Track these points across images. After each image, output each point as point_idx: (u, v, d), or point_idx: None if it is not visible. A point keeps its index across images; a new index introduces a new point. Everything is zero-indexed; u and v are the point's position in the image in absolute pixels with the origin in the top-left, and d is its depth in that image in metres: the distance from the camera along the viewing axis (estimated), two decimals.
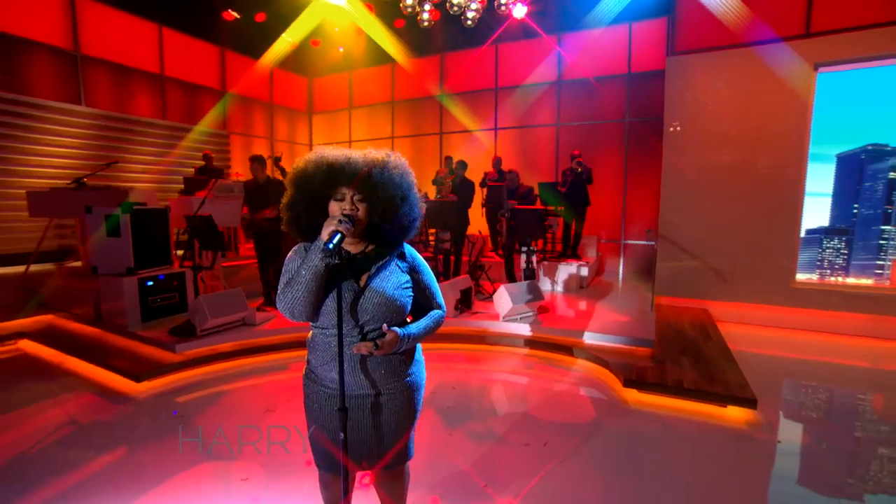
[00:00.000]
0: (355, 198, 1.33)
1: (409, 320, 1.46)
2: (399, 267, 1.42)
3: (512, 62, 8.90)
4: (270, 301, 5.27)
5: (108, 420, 3.11)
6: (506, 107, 8.99)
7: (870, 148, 5.22)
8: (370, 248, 1.43)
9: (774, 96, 5.30)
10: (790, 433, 3.13)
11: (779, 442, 2.96)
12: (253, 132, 9.78)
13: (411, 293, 1.44)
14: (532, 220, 5.55)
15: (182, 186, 7.35)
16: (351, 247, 1.43)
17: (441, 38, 9.01)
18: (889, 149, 5.07)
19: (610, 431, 3.02)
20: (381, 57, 9.38)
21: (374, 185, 1.32)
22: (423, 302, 1.49)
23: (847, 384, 4.02)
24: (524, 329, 4.65)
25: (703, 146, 5.72)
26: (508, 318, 4.75)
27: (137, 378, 3.61)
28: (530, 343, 4.52)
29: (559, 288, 6.64)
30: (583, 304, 5.76)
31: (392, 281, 1.38)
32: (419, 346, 1.52)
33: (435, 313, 1.50)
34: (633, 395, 3.48)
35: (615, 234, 8.29)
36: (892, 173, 5.12)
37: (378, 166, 1.34)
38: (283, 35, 8.62)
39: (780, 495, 2.40)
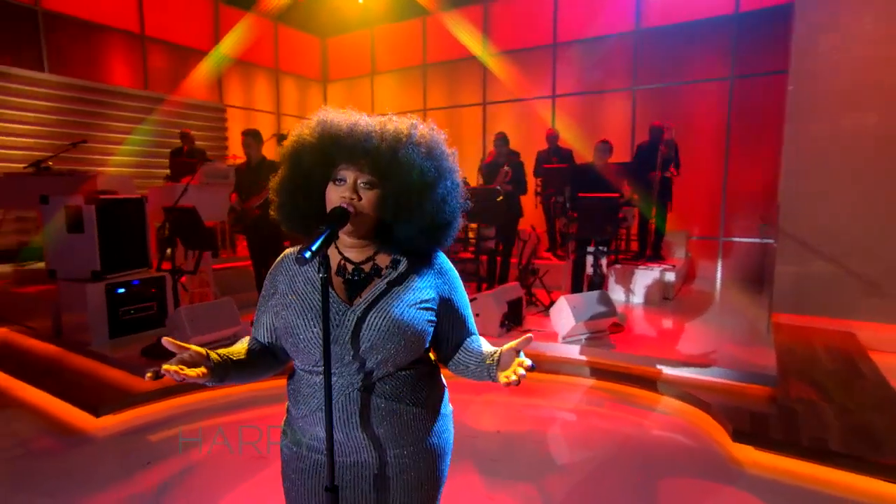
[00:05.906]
0: (360, 181, 1.19)
1: (431, 356, 1.34)
2: (417, 279, 1.27)
3: (575, 8, 8.72)
4: None
5: (47, 469, 2.97)
6: (566, 68, 8.88)
7: None
8: (380, 255, 1.28)
9: None
10: None
11: None
12: (255, 105, 9.84)
13: (432, 317, 1.27)
14: (601, 213, 5.30)
15: (168, 172, 7.44)
16: (352, 253, 1.27)
17: None
18: None
19: None
20: (410, 9, 9.26)
21: (386, 165, 1.19)
22: (448, 332, 1.34)
23: None
24: (591, 354, 4.56)
25: (843, 107, 5.18)
26: (570, 339, 4.69)
27: (96, 411, 3.54)
28: (599, 373, 4.38)
29: (636, 300, 6.57)
30: (669, 322, 5.70)
31: (405, 298, 1.23)
32: (446, 394, 1.38)
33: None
34: (746, 454, 3.13)
35: (711, 229, 8.02)
36: None
37: (393, 138, 1.20)
38: None
39: None
